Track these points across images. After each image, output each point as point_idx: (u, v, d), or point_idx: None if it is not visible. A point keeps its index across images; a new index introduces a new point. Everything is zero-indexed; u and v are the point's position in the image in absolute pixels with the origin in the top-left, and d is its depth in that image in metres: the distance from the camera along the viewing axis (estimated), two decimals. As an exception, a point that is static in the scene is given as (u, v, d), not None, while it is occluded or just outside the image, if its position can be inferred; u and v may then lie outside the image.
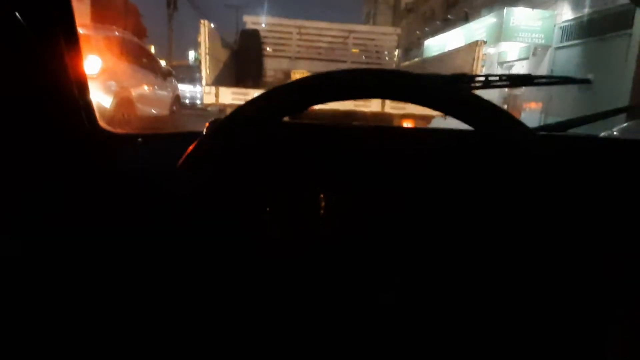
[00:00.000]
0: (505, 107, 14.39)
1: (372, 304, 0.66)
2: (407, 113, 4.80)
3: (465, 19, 17.67)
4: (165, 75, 7.99)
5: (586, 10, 10.73)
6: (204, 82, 4.39)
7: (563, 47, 11.71)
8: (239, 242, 0.65)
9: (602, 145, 0.82)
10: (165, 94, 7.99)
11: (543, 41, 12.20)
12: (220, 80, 4.73)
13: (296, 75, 5.21)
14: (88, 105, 0.73)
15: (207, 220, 0.61)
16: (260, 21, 6.68)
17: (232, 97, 4.39)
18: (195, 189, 0.52)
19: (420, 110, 4.80)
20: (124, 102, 5.69)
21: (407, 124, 4.84)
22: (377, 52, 6.80)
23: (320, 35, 6.48)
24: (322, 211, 0.67)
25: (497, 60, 15.37)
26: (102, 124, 0.78)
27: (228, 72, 5.37)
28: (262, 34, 6.27)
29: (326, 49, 6.52)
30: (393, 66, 6.71)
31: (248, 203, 0.66)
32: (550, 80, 1.19)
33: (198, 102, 13.32)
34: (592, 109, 1.07)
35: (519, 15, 12.32)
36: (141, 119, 6.14)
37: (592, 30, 10.48)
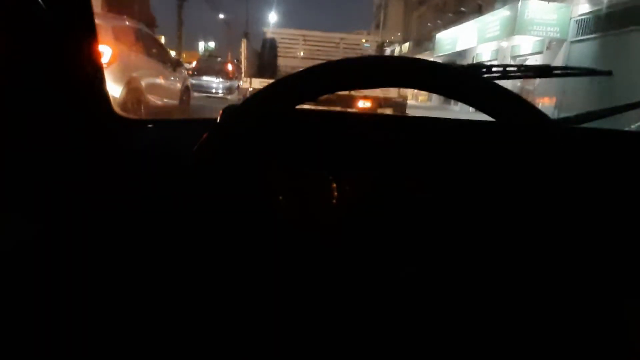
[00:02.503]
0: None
1: (383, 291, 0.66)
2: (365, 94, 6.29)
3: (479, 11, 17.43)
4: (175, 65, 7.94)
5: (604, 3, 10.52)
6: (243, 75, 7.02)
7: (579, 41, 11.50)
8: (251, 229, 0.65)
9: (624, 138, 0.81)
10: (175, 84, 7.98)
11: (558, 35, 11.98)
12: (251, 74, 7.17)
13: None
14: (103, 90, 0.75)
15: (219, 206, 0.60)
16: (276, 31, 9.32)
17: (260, 84, 6.60)
18: (209, 175, 0.52)
19: (375, 92, 6.18)
20: (134, 92, 5.61)
21: (366, 102, 6.30)
22: (361, 53, 8.89)
23: (319, 41, 8.73)
24: (334, 200, 0.66)
25: (510, 54, 15.15)
26: (116, 109, 0.79)
27: (255, 68, 7.75)
28: (277, 40, 8.38)
29: (323, 51, 8.67)
30: None
31: (260, 192, 0.66)
32: (570, 72, 1.15)
33: (220, 92, 14.44)
34: (608, 105, 1.03)
35: (534, 8, 12.10)
36: (151, 108, 6.12)
37: (609, 24, 10.25)
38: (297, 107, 0.54)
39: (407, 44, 23.71)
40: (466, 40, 16.90)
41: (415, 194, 0.67)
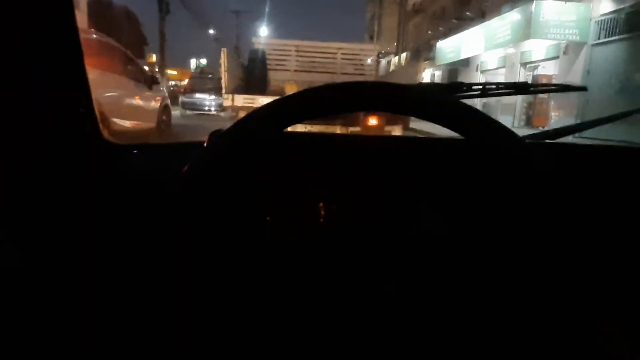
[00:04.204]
0: (530, 112, 13.24)
1: (369, 305, 0.66)
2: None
3: (482, 17, 16.48)
4: (149, 83, 7.03)
5: (628, 1, 9.50)
6: (223, 91, 5.94)
7: (601, 43, 10.43)
8: (240, 249, 0.66)
9: (596, 153, 0.82)
10: (149, 103, 7.19)
11: (577, 38, 10.92)
12: (235, 89, 6.28)
13: (288, 87, 6.44)
14: (92, 116, 0.75)
15: (210, 229, 0.61)
16: (266, 42, 8.49)
17: (244, 101, 5.86)
18: (197, 199, 0.53)
19: None
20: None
21: (372, 120, 5.54)
22: (361, 64, 8.20)
23: (314, 52, 7.94)
24: (321, 219, 0.68)
25: (520, 61, 14.07)
26: (105, 135, 0.79)
27: (241, 83, 6.92)
28: (267, 52, 7.73)
29: (319, 63, 7.95)
30: (373, 75, 8.41)
31: (249, 213, 0.67)
32: (548, 88, 1.37)
33: (212, 109, 14.73)
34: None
35: (550, 10, 11.04)
36: (120, 133, 5.56)
37: (636, 24, 9.25)
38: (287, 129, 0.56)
39: (404, 54, 22.79)
40: (471, 47, 15.82)
41: (399, 214, 0.69)
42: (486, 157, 0.62)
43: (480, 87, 1.00)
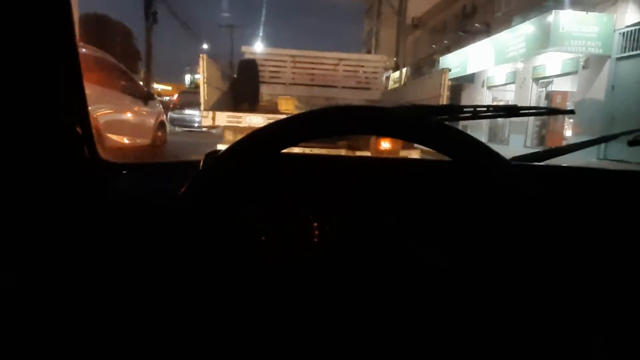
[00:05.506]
0: (543, 130, 12.52)
1: (357, 326, 0.66)
2: None
3: (487, 29, 15.97)
4: (145, 98, 6.77)
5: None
6: (202, 107, 4.95)
7: (628, 57, 9.80)
8: (233, 270, 0.66)
9: (583, 175, 0.83)
10: (145, 120, 6.88)
11: (600, 50, 10.25)
12: (217, 105, 5.27)
13: (282, 101, 5.72)
14: (89, 135, 0.75)
15: (203, 250, 0.60)
16: (257, 51, 7.76)
17: (227, 120, 4.92)
18: (192, 219, 0.53)
19: None
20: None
21: (385, 143, 4.80)
22: (366, 77, 7.38)
23: (313, 63, 7.18)
24: (315, 239, 0.68)
25: (532, 76, 13.46)
26: (102, 154, 0.78)
27: (226, 98, 5.85)
28: (259, 62, 6.92)
29: (319, 75, 7.16)
30: (381, 89, 7.55)
31: (243, 233, 0.67)
32: (536, 111, 1.38)
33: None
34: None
35: (570, 20, 10.36)
36: (115, 150, 5.42)
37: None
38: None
39: (405, 69, 22.30)
40: (479, 61, 15.18)
41: (390, 235, 0.68)
42: (474, 179, 0.63)
43: (471, 109, 1.01)
